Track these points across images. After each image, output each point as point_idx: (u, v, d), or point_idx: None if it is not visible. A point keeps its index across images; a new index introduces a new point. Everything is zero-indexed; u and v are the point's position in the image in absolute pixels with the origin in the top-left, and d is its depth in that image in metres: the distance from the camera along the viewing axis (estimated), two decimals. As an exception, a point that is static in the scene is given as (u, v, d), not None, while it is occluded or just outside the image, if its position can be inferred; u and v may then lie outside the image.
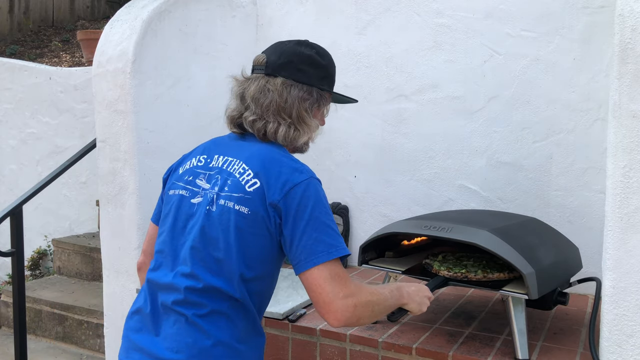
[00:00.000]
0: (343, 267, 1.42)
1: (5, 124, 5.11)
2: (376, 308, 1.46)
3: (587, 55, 2.60)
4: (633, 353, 1.69)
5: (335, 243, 1.40)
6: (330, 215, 1.44)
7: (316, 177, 1.49)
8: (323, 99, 1.61)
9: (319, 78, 1.58)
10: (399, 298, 1.57)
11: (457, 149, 2.89)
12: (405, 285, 1.62)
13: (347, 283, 1.40)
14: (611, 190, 1.71)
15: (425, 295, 1.66)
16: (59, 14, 8.11)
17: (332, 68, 1.65)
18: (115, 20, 2.80)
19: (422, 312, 1.63)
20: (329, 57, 1.66)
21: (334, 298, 1.37)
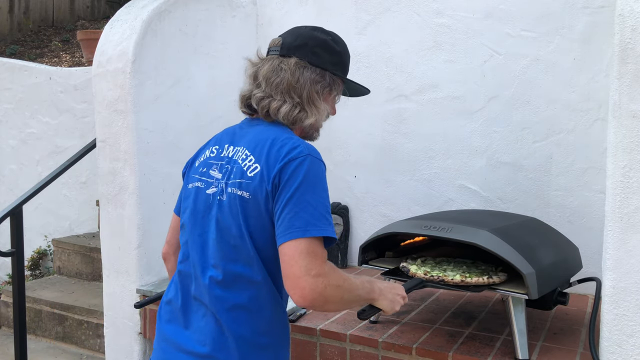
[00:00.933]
0: (323, 248, 1.38)
1: (5, 124, 5.11)
2: (346, 295, 1.42)
3: (587, 55, 2.60)
4: (633, 353, 1.69)
5: (315, 222, 1.36)
6: (320, 197, 1.39)
7: (318, 157, 1.45)
8: (335, 84, 1.61)
9: (333, 63, 1.59)
10: (370, 292, 1.52)
11: (457, 149, 2.89)
12: (378, 281, 1.57)
13: (322, 263, 1.36)
14: (611, 190, 1.71)
15: (398, 294, 1.59)
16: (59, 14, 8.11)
17: (346, 55, 1.66)
18: (115, 20, 2.80)
19: (395, 310, 1.56)
20: (344, 44, 1.67)
21: (305, 274, 1.33)
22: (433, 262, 2.16)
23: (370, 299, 1.53)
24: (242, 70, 1.66)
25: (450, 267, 2.09)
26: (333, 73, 1.59)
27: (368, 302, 1.55)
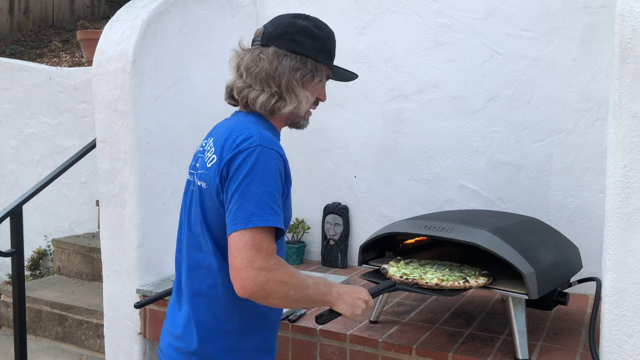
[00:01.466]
0: (269, 240, 1.37)
1: (5, 124, 5.11)
2: (291, 293, 1.39)
3: (587, 55, 2.60)
4: (633, 353, 1.69)
5: (259, 212, 1.35)
6: (267, 187, 1.38)
7: (271, 147, 1.43)
8: (319, 70, 1.58)
9: (315, 50, 1.57)
10: (325, 294, 1.49)
11: (457, 149, 2.89)
12: (337, 284, 1.54)
13: (266, 256, 1.35)
14: (611, 190, 1.71)
15: (359, 298, 1.55)
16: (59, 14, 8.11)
17: (330, 41, 1.62)
18: (115, 20, 2.80)
19: (356, 315, 1.54)
20: (328, 30, 1.64)
21: (246, 265, 1.33)
22: (417, 264, 2.10)
23: (326, 302, 1.51)
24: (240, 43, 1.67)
25: (432, 270, 2.03)
26: (315, 59, 1.57)
27: (324, 304, 1.52)
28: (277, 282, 1.36)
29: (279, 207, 1.39)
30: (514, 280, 1.94)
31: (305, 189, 3.31)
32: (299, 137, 3.30)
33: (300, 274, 1.44)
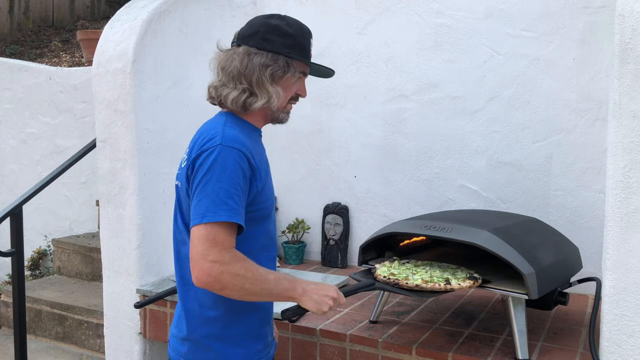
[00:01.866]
0: (225, 234, 1.43)
1: (5, 124, 5.11)
2: (247, 285, 1.44)
3: (587, 55, 2.60)
4: (633, 353, 1.69)
5: (213, 208, 1.42)
6: (224, 184, 1.44)
7: (232, 145, 1.48)
8: (291, 66, 1.62)
9: (286, 46, 1.62)
10: (289, 290, 1.52)
11: (457, 149, 2.89)
12: (304, 281, 1.56)
13: (221, 250, 1.41)
14: (611, 190, 1.71)
15: (326, 295, 1.56)
16: (59, 14, 8.11)
17: (302, 37, 1.66)
18: (115, 20, 2.80)
19: (322, 312, 1.54)
20: (299, 26, 1.68)
21: (201, 258, 1.41)
22: (412, 265, 2.07)
23: (291, 297, 1.53)
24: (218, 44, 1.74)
25: (424, 271, 1.99)
26: (287, 56, 1.62)
27: (289, 300, 1.54)
28: (232, 275, 1.41)
29: (236, 203, 1.44)
30: (514, 280, 1.94)
31: (305, 189, 3.31)
32: (299, 137, 3.31)
33: (261, 269, 1.48)
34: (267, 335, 1.70)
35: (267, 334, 1.70)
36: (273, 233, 1.69)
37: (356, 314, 2.36)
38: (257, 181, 1.54)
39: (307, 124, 3.26)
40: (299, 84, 1.69)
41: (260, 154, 1.63)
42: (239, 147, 1.49)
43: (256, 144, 1.64)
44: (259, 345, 1.65)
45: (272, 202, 1.67)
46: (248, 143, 1.54)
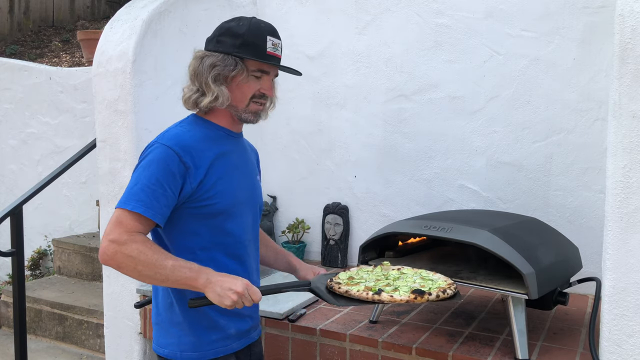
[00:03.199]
0: (133, 221, 1.53)
1: (5, 124, 5.11)
2: (140, 268, 1.51)
3: (587, 55, 2.60)
4: (633, 353, 1.69)
5: (127, 197, 1.55)
6: (144, 177, 1.55)
7: (166, 144, 1.59)
8: (239, 65, 1.66)
9: (236, 46, 1.67)
10: (189, 279, 1.52)
11: (457, 149, 2.89)
12: (213, 273, 1.54)
13: (122, 231, 1.52)
14: (611, 190, 1.71)
15: (230, 289, 1.51)
16: (59, 14, 8.11)
17: (253, 36, 1.67)
18: (115, 20, 2.80)
19: (225, 305, 1.51)
20: (254, 25, 1.70)
21: (104, 237, 1.54)
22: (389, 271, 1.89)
23: (192, 286, 1.54)
24: None
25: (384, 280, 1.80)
26: (236, 55, 1.66)
27: (190, 288, 1.54)
28: (124, 256, 1.51)
29: (148, 196, 1.54)
30: (514, 280, 1.94)
31: (305, 189, 3.31)
32: (299, 137, 3.31)
33: (159, 254, 1.52)
34: (227, 328, 1.71)
35: (227, 327, 1.71)
36: (235, 231, 1.70)
37: (356, 314, 2.36)
38: (192, 178, 1.59)
39: (307, 124, 3.26)
40: (259, 83, 1.69)
41: (214, 152, 1.66)
42: (172, 145, 1.59)
43: (214, 144, 1.68)
44: (212, 335, 1.69)
45: (229, 200, 1.67)
46: (190, 142, 1.62)
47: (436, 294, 1.65)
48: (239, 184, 1.72)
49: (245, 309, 1.72)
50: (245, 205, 1.75)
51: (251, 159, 1.86)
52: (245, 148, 1.85)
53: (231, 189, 1.69)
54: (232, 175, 1.70)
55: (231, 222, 1.69)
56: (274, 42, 1.70)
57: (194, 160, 1.60)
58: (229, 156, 1.72)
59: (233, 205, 1.69)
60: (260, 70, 1.69)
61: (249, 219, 1.76)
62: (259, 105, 1.72)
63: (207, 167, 1.63)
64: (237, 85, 1.68)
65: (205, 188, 1.62)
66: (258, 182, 1.87)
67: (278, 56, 1.73)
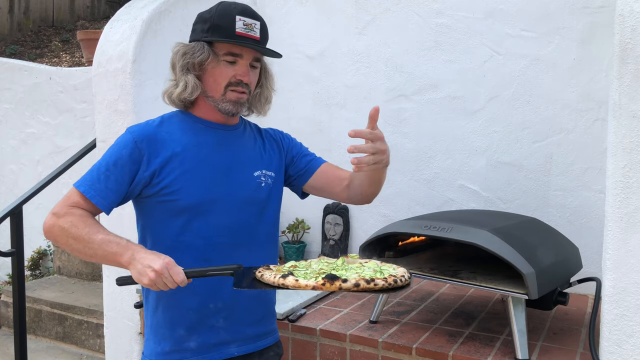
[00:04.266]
0: (80, 198, 1.52)
1: (5, 124, 5.11)
2: (72, 242, 1.48)
3: (587, 55, 2.60)
4: (633, 353, 1.69)
5: (82, 177, 1.56)
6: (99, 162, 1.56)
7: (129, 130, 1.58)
8: (206, 50, 1.57)
9: (204, 31, 1.59)
10: (115, 254, 1.45)
11: (457, 149, 2.89)
12: (140, 250, 1.44)
13: (64, 205, 1.52)
14: (611, 190, 1.71)
15: (149, 267, 1.39)
16: (59, 14, 8.11)
17: (219, 18, 1.57)
18: (115, 20, 2.80)
19: (144, 284, 1.41)
20: (221, 7, 1.60)
21: (51, 210, 1.53)
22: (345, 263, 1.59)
23: (117, 262, 1.46)
24: None
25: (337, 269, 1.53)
26: (204, 40, 1.58)
27: (116, 264, 1.47)
28: (59, 228, 1.49)
29: (94, 179, 1.53)
30: (514, 280, 1.94)
31: (305, 189, 3.31)
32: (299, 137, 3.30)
33: (90, 228, 1.48)
34: (184, 340, 1.60)
35: (185, 339, 1.60)
36: (204, 232, 1.57)
37: (356, 314, 2.36)
38: (145, 166, 1.53)
39: (307, 124, 3.26)
40: (233, 69, 1.57)
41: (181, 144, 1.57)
42: (133, 131, 1.57)
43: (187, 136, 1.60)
44: (165, 345, 1.61)
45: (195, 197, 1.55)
46: (154, 131, 1.58)
47: (355, 282, 1.37)
48: (213, 180, 1.58)
49: (222, 322, 1.60)
50: (223, 203, 1.58)
51: (252, 153, 1.69)
52: (244, 142, 1.69)
53: (199, 185, 1.56)
54: (203, 170, 1.57)
55: (199, 221, 1.56)
56: (246, 22, 1.56)
57: (151, 149, 1.54)
58: (204, 149, 1.59)
59: (200, 203, 1.55)
60: (231, 53, 1.56)
61: (227, 219, 1.59)
62: (238, 94, 1.58)
63: (166, 158, 1.54)
64: (210, 73, 1.58)
65: (164, 181, 1.53)
66: (256, 178, 1.66)
67: (252, 37, 1.57)
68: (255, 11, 1.62)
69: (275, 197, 1.73)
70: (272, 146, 1.76)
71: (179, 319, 1.60)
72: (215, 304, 1.60)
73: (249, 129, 1.76)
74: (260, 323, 1.70)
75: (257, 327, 1.69)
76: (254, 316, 1.67)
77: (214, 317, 1.61)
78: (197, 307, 1.60)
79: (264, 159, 1.72)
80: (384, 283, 1.38)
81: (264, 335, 1.72)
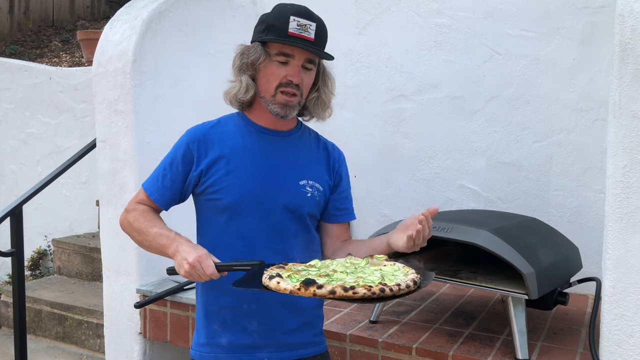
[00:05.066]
0: (144, 196, 1.66)
1: (5, 124, 5.11)
2: (135, 235, 1.64)
3: (587, 55, 2.60)
4: (633, 353, 1.69)
5: (148, 177, 1.69)
6: (163, 160, 1.67)
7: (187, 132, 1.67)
8: (259, 49, 1.59)
9: (260, 32, 1.62)
10: (164, 246, 1.55)
11: (457, 149, 2.89)
12: (184, 242, 1.51)
13: (131, 201, 1.69)
14: (611, 190, 1.71)
15: (185, 259, 1.45)
16: (59, 14, 8.11)
17: (274, 18, 1.59)
18: (115, 20, 2.79)
19: (181, 274, 1.47)
20: (277, 8, 1.62)
21: None
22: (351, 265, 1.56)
23: (165, 254, 1.57)
24: None
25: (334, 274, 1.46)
26: (259, 41, 1.60)
27: (165, 255, 1.57)
28: (127, 222, 1.66)
29: (154, 178, 1.67)
30: (514, 280, 1.94)
31: (305, 189, 3.30)
32: (299, 137, 3.30)
33: (148, 222, 1.61)
34: (217, 336, 1.63)
35: (218, 334, 1.63)
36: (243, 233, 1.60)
37: (356, 314, 2.36)
38: (195, 166, 1.61)
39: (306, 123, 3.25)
40: (284, 69, 1.56)
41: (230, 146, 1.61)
42: (189, 132, 1.67)
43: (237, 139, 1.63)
44: (201, 337, 1.67)
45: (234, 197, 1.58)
46: (206, 132, 1.64)
47: (331, 289, 1.30)
48: (254, 182, 1.59)
49: (256, 325, 1.62)
50: (262, 206, 1.59)
51: (301, 162, 1.68)
52: (296, 148, 1.69)
53: (240, 186, 1.58)
54: (246, 171, 1.59)
55: (238, 221, 1.59)
56: (300, 23, 1.56)
57: (201, 150, 1.61)
58: (252, 153, 1.61)
59: (240, 203, 1.58)
60: (282, 53, 1.56)
61: (265, 222, 1.60)
62: (288, 96, 1.57)
63: (214, 158, 1.59)
64: (263, 73, 1.59)
65: (209, 180, 1.59)
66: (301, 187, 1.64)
67: (305, 37, 1.56)
68: (312, 12, 1.63)
69: (318, 210, 1.73)
70: (325, 160, 1.77)
71: (214, 314, 1.65)
72: (249, 305, 1.62)
73: (307, 136, 1.75)
74: (296, 333, 1.67)
75: (292, 336, 1.66)
76: (288, 325, 1.65)
77: (247, 318, 1.63)
78: (231, 306, 1.63)
79: (312, 170, 1.70)
80: (365, 292, 1.28)
81: (301, 345, 1.68)
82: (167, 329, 2.61)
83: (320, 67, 1.68)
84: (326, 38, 1.65)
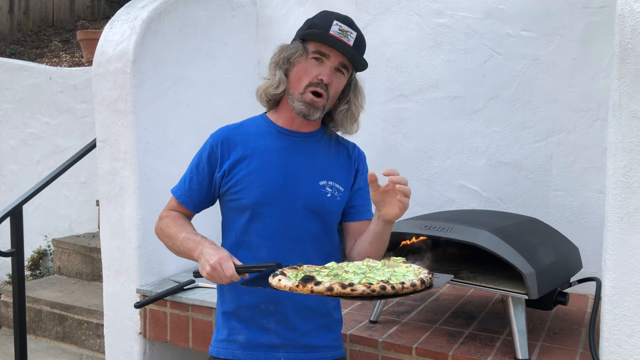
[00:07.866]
0: (174, 201, 1.74)
1: (5, 124, 5.11)
2: (165, 240, 1.69)
3: (587, 55, 2.60)
4: (633, 353, 1.69)
5: (176, 184, 1.75)
6: (191, 164, 1.71)
7: (213, 134, 1.70)
8: (299, 46, 1.62)
9: (302, 30, 1.66)
10: (191, 250, 1.59)
11: (457, 149, 2.89)
12: (208, 245, 1.55)
13: (164, 209, 1.76)
14: (611, 190, 1.71)
15: (207, 262, 1.48)
16: (59, 14, 8.11)
17: (318, 18, 1.65)
18: (115, 20, 2.80)
19: (204, 276, 1.51)
20: (321, 12, 1.69)
21: None
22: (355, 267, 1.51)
23: (192, 257, 1.60)
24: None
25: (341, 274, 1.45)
26: (299, 38, 1.64)
27: (192, 259, 1.61)
28: (159, 228, 1.71)
29: (183, 182, 1.73)
30: (514, 280, 1.94)
31: (305, 189, 3.30)
32: (299, 137, 3.31)
33: (177, 227, 1.65)
34: (235, 332, 1.67)
35: (236, 331, 1.67)
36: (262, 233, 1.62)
37: (356, 314, 2.36)
38: (219, 167, 1.65)
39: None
40: (318, 68, 1.59)
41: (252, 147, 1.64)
42: (214, 134, 1.70)
43: (259, 140, 1.65)
44: (221, 333, 1.71)
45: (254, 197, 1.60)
46: (229, 134, 1.66)
47: (329, 286, 1.29)
48: (275, 183, 1.61)
49: (274, 325, 1.64)
50: (282, 206, 1.61)
51: (321, 163, 1.69)
52: (316, 149, 1.70)
53: (260, 186, 1.60)
54: (267, 172, 1.61)
55: (258, 221, 1.62)
56: (342, 28, 1.61)
57: (224, 151, 1.64)
58: (273, 154, 1.63)
59: (260, 203, 1.60)
60: (319, 52, 1.59)
61: (284, 222, 1.62)
62: (315, 96, 1.59)
63: (236, 159, 1.63)
64: (297, 70, 1.61)
65: (231, 181, 1.63)
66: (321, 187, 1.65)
67: (344, 42, 1.59)
68: (355, 23, 1.68)
69: (338, 211, 1.71)
70: (346, 161, 1.79)
71: (232, 312, 1.69)
72: (267, 305, 1.64)
73: (327, 137, 1.77)
74: (314, 334, 1.67)
75: (310, 338, 1.67)
76: (306, 326, 1.66)
77: (266, 318, 1.65)
78: (250, 304, 1.66)
79: (332, 170, 1.71)
80: (364, 289, 1.27)
81: (319, 348, 1.68)
82: (167, 329, 2.61)
83: (352, 78, 1.72)
84: (364, 50, 1.70)
